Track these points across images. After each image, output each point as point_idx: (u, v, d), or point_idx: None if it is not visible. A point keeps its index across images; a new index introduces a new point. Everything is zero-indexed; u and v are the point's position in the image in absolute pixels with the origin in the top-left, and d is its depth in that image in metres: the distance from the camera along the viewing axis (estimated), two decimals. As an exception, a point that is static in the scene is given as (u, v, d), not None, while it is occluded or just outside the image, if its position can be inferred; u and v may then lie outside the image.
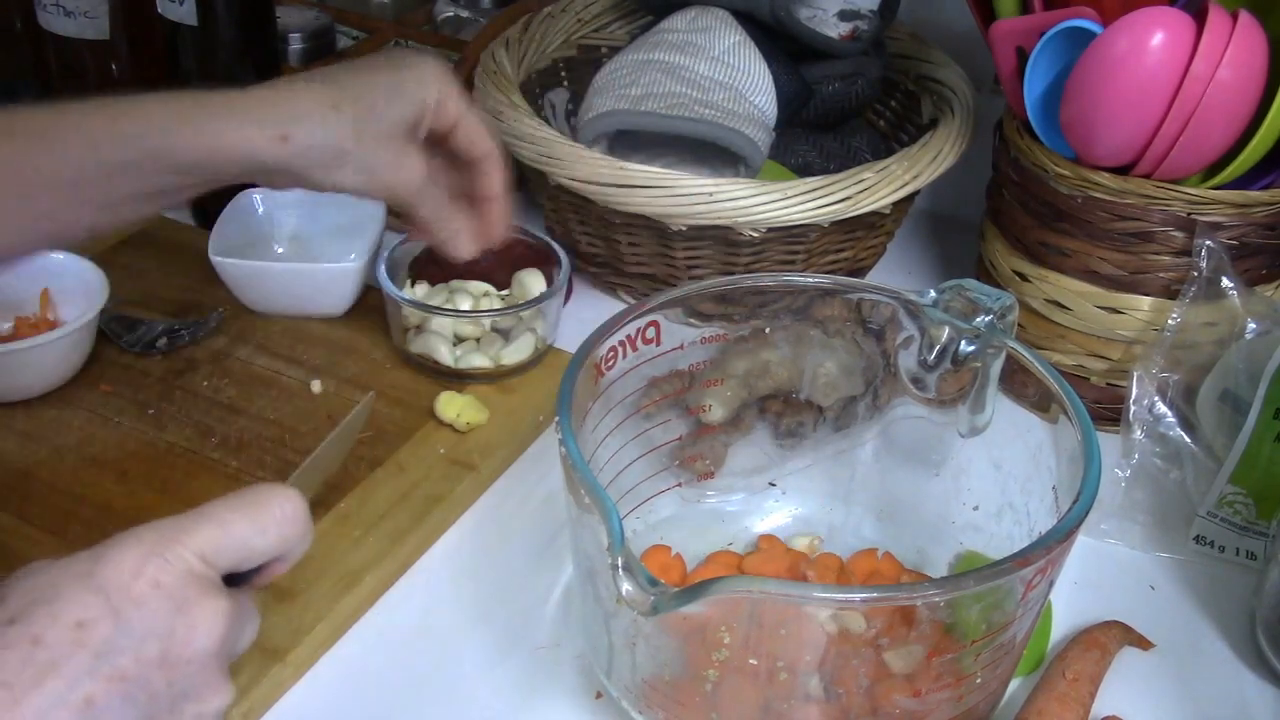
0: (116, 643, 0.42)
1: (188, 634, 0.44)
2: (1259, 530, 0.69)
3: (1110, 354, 0.77)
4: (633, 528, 0.65)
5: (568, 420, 0.53)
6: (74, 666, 0.41)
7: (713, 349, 0.66)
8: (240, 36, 0.86)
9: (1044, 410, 0.58)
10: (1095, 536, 0.71)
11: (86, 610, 0.42)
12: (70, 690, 0.41)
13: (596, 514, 0.48)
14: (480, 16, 1.08)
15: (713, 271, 0.84)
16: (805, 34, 0.91)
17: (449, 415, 0.74)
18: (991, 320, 0.59)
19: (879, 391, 0.66)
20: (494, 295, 0.81)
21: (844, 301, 0.65)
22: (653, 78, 0.86)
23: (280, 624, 0.61)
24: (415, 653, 0.63)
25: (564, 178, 0.79)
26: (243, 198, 0.85)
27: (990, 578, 0.48)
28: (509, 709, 0.60)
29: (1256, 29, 0.66)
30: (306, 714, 0.59)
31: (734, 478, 0.70)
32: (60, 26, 0.88)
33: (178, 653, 0.43)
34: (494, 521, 0.71)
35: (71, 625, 0.42)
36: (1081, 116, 0.70)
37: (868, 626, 0.51)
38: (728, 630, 0.50)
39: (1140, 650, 0.65)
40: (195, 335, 0.80)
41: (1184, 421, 0.72)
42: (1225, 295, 0.71)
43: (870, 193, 0.79)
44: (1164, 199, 0.71)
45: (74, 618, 0.42)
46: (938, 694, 0.53)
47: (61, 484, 0.69)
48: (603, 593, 0.53)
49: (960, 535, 0.65)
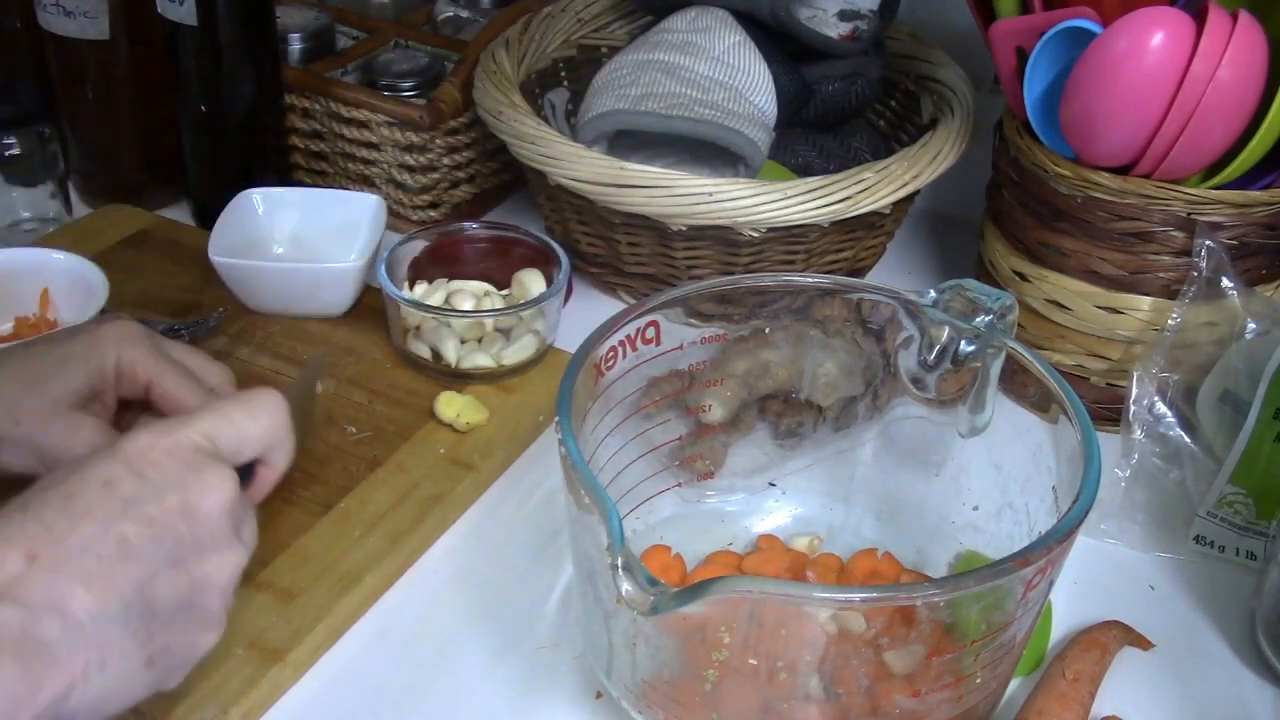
0: (141, 494, 0.48)
1: (202, 489, 0.49)
2: (1259, 530, 0.69)
3: (1110, 354, 0.77)
4: (633, 528, 0.65)
5: (567, 420, 0.53)
6: (106, 511, 0.47)
7: (713, 349, 0.66)
8: (240, 36, 0.86)
9: (1044, 410, 0.58)
10: (1095, 536, 0.71)
11: (112, 472, 0.48)
12: (106, 530, 0.46)
13: (596, 514, 0.48)
14: (480, 16, 1.08)
15: (713, 271, 0.84)
16: (805, 34, 0.91)
17: (449, 415, 0.74)
18: (991, 320, 0.59)
19: (879, 391, 0.66)
20: (494, 295, 0.81)
21: (844, 301, 0.65)
22: (653, 78, 0.86)
23: (280, 624, 0.61)
24: (415, 653, 0.63)
25: (564, 178, 0.79)
26: (243, 198, 0.85)
27: (990, 578, 0.48)
28: (509, 709, 0.60)
29: (1256, 29, 0.66)
30: (306, 714, 0.59)
31: (734, 478, 0.70)
32: (60, 26, 0.88)
33: (195, 504, 0.49)
34: (494, 521, 0.71)
35: (99, 484, 0.47)
36: (1081, 116, 0.70)
37: (868, 626, 0.51)
38: (728, 630, 0.50)
39: (1140, 650, 0.65)
40: (195, 335, 0.80)
41: (1184, 421, 0.72)
42: (1225, 295, 0.71)
43: (870, 193, 0.79)
44: (1164, 199, 0.71)
45: (101, 478, 0.48)
46: (938, 694, 0.53)
47: (61, 484, 0.69)
48: (603, 593, 0.53)
49: (960, 535, 0.65)
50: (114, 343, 0.60)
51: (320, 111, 0.95)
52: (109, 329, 0.61)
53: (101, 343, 0.60)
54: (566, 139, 0.81)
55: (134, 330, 0.61)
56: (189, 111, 0.90)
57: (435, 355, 0.78)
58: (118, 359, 0.60)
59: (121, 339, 0.60)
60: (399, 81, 0.96)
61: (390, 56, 0.99)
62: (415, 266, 0.82)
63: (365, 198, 0.87)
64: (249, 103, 0.90)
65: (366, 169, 0.96)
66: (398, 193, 0.96)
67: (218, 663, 0.58)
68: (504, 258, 0.83)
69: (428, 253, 0.83)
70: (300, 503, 0.68)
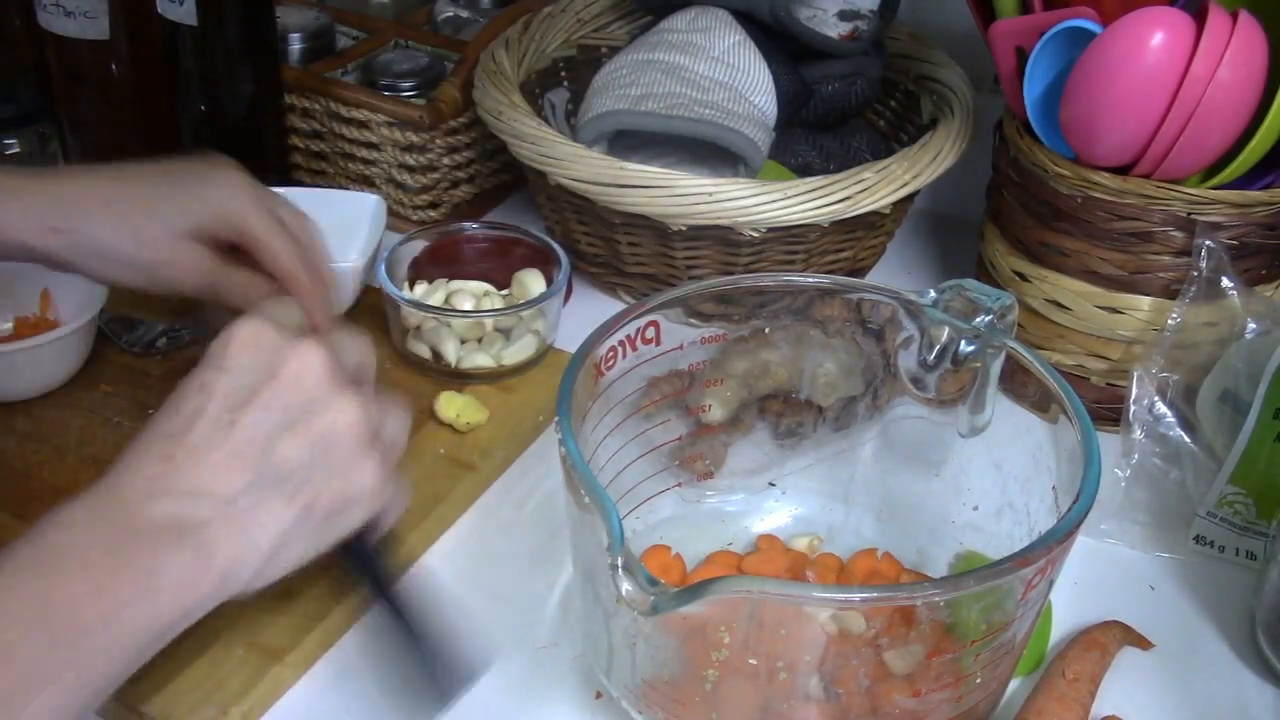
0: (235, 381, 0.51)
1: (292, 362, 0.51)
2: (1259, 530, 0.69)
3: (1110, 354, 0.77)
4: (633, 528, 0.65)
5: (567, 420, 0.53)
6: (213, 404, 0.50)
7: (713, 349, 0.66)
8: (240, 36, 0.86)
9: (1044, 410, 0.58)
10: (1095, 536, 0.71)
11: (203, 376, 0.51)
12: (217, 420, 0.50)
13: (596, 514, 0.48)
14: (480, 16, 1.08)
15: (713, 271, 0.84)
16: (805, 34, 0.91)
17: (449, 415, 0.74)
18: (991, 320, 0.59)
19: (879, 391, 0.66)
20: (494, 295, 0.81)
21: (844, 301, 0.65)
22: (653, 78, 0.86)
23: (280, 624, 0.61)
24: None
25: (564, 178, 0.79)
26: (243, 198, 0.85)
27: (990, 578, 0.49)
28: (509, 709, 0.60)
29: (1256, 29, 0.66)
30: (306, 714, 0.60)
31: (734, 478, 0.70)
32: (60, 26, 0.88)
33: (291, 373, 0.51)
34: (494, 521, 0.71)
35: (196, 388, 0.51)
36: (1081, 116, 0.70)
37: (868, 626, 0.51)
38: (727, 630, 0.50)
39: (1140, 650, 0.65)
40: (195, 335, 0.80)
41: (1184, 421, 0.72)
42: (1225, 295, 0.71)
43: (870, 193, 0.79)
44: (1164, 199, 0.71)
45: (196, 383, 0.51)
46: (937, 694, 0.53)
47: (61, 484, 0.69)
48: (603, 593, 0.53)
49: (960, 535, 0.65)
50: (229, 190, 0.63)
51: (320, 111, 0.95)
52: (224, 177, 0.64)
53: (218, 187, 0.64)
54: (566, 139, 0.81)
55: (245, 183, 0.64)
56: (189, 111, 0.90)
57: (435, 355, 0.78)
58: (229, 207, 0.63)
59: (247, 196, 0.64)
60: (399, 81, 0.96)
61: (390, 56, 0.99)
62: (415, 266, 0.82)
63: (365, 198, 0.87)
64: (249, 103, 0.90)
65: (366, 169, 0.96)
66: (398, 193, 0.96)
67: (218, 663, 0.59)
68: (504, 258, 0.83)
69: (428, 253, 0.83)
70: (300, 503, 0.68)
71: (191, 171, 0.65)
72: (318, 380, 0.52)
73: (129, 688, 0.56)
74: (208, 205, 0.63)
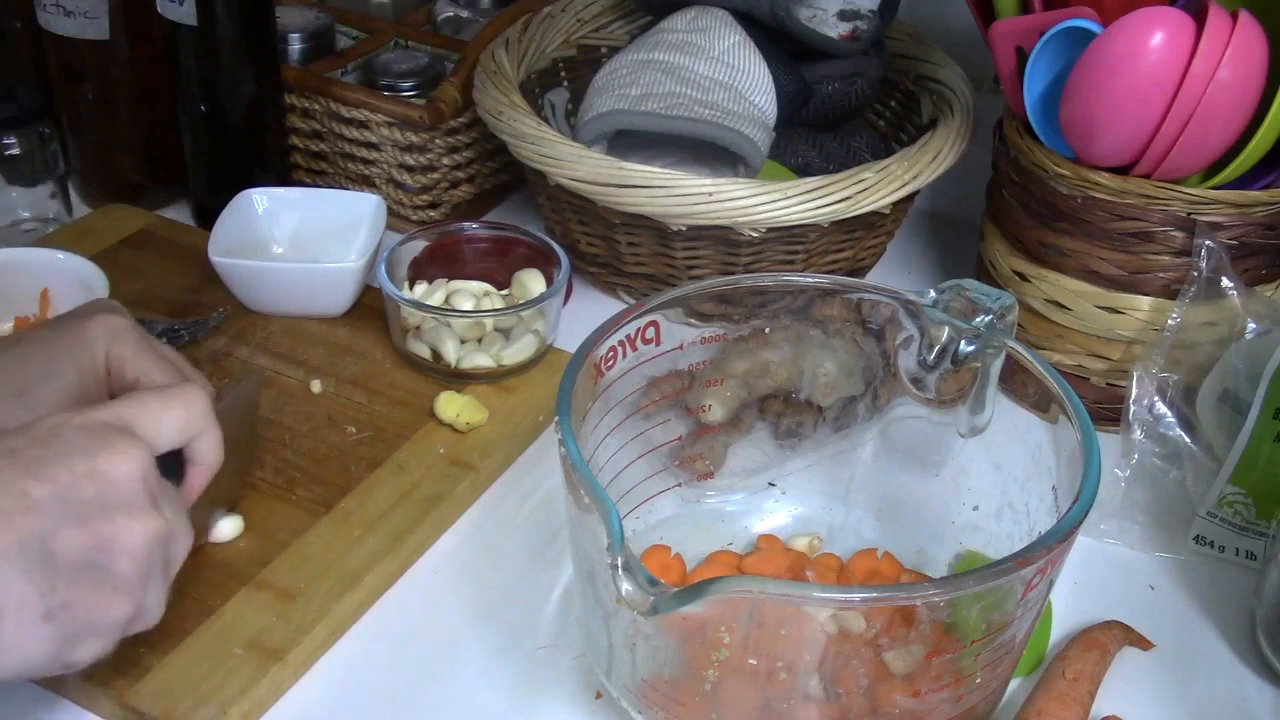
0: (45, 458, 0.47)
1: (111, 456, 0.48)
2: (1259, 530, 0.69)
3: (1110, 354, 0.77)
4: (633, 528, 0.65)
5: (567, 420, 0.53)
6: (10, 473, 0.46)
7: (713, 349, 0.66)
8: (240, 36, 0.86)
9: (1044, 410, 0.58)
10: (1095, 536, 0.71)
11: (16, 442, 0.47)
12: (8, 486, 0.46)
13: (596, 514, 0.48)
14: (480, 16, 1.08)
15: (712, 271, 0.84)
16: (805, 34, 0.91)
17: (449, 415, 0.74)
18: (991, 320, 0.59)
19: (879, 391, 0.66)
20: (494, 295, 0.81)
21: (844, 301, 0.65)
22: (653, 78, 0.86)
23: (280, 624, 0.61)
24: (415, 653, 0.63)
25: (564, 178, 0.79)
26: (243, 198, 0.85)
27: (990, 578, 0.48)
28: (509, 709, 0.60)
29: (1256, 29, 0.66)
30: (306, 714, 0.59)
31: (734, 478, 0.70)
32: (60, 26, 0.88)
33: (104, 469, 0.48)
34: (494, 521, 0.71)
35: (4, 451, 0.47)
36: (1081, 116, 0.70)
37: (867, 626, 0.51)
38: (727, 630, 0.50)
39: (1140, 650, 0.65)
40: (195, 335, 0.80)
41: (1184, 421, 0.72)
42: (1225, 295, 0.71)
43: (870, 193, 0.79)
44: (1164, 199, 0.71)
45: (6, 447, 0.47)
46: (937, 694, 0.53)
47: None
48: (603, 593, 0.53)
49: (960, 535, 0.65)
50: (103, 340, 0.58)
51: (320, 111, 0.95)
52: (96, 325, 0.58)
53: (90, 340, 0.58)
54: (566, 139, 0.81)
55: (121, 325, 0.59)
56: (189, 111, 0.90)
57: (435, 355, 0.78)
58: (106, 356, 0.58)
59: (110, 335, 0.58)
60: (399, 81, 0.96)
61: (390, 56, 0.99)
62: (415, 266, 0.82)
63: (365, 198, 0.87)
64: (249, 103, 0.90)
65: (366, 169, 0.96)
66: (397, 193, 0.96)
67: (218, 663, 0.59)
68: (504, 258, 0.83)
69: (428, 253, 0.83)
70: (300, 503, 0.68)
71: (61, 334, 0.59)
72: (130, 484, 0.48)
73: (129, 688, 0.57)
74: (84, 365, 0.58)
